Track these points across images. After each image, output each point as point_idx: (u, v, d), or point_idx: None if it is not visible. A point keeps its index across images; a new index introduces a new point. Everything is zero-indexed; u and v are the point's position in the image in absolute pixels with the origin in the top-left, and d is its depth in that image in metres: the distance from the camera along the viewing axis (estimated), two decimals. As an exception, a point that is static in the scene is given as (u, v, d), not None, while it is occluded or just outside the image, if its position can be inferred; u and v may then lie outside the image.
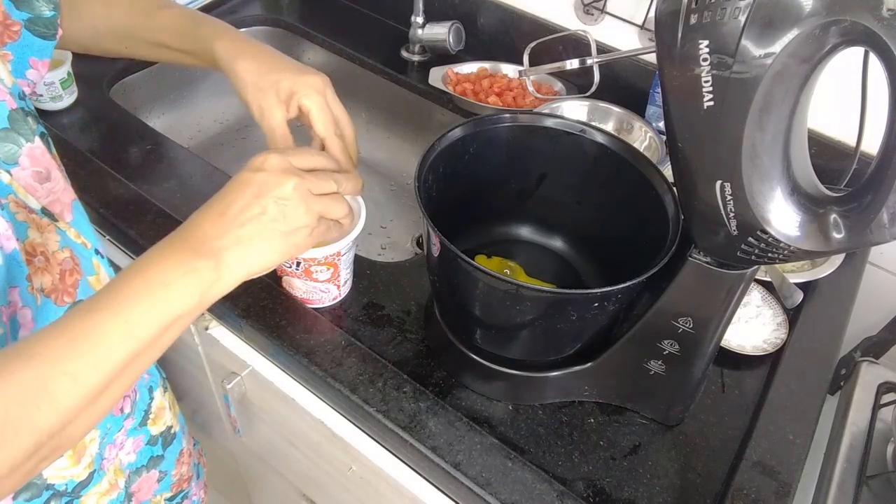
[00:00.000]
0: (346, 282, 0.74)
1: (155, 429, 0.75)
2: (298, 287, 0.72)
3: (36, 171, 0.53)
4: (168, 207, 0.82)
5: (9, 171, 0.50)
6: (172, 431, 0.79)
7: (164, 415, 0.76)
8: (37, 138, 0.53)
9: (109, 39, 0.67)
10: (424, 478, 0.68)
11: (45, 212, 0.54)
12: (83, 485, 0.63)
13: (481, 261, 0.76)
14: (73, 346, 0.39)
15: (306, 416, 0.75)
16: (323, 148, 0.63)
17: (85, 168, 0.86)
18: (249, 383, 0.81)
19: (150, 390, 0.74)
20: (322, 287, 0.71)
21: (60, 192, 0.56)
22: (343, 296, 0.75)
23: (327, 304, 0.74)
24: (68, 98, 0.95)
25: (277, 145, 0.63)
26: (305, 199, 0.50)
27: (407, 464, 0.69)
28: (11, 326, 0.50)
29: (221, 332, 0.80)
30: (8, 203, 0.50)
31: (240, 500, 1.23)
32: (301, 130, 0.65)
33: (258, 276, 0.49)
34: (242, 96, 0.63)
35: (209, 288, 0.45)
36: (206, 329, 0.80)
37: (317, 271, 0.69)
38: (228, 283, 0.47)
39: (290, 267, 0.69)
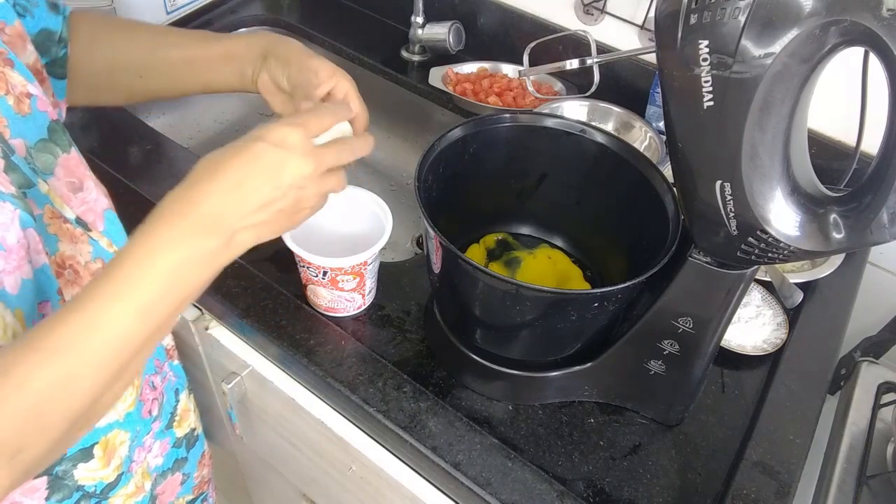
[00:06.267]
0: (370, 290, 0.73)
1: (180, 431, 0.76)
2: (323, 296, 0.71)
3: (70, 181, 0.54)
4: (168, 207, 0.82)
5: (46, 181, 0.51)
6: (195, 434, 0.80)
7: (189, 417, 0.77)
8: (72, 149, 0.55)
9: (124, 74, 0.65)
10: (424, 478, 0.68)
11: (80, 221, 0.54)
12: (111, 486, 0.64)
13: (476, 251, 0.76)
14: (91, 337, 0.40)
15: (306, 416, 0.75)
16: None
17: (85, 168, 0.86)
18: (249, 383, 0.81)
19: (177, 392, 0.74)
20: (347, 296, 0.70)
21: (93, 201, 0.57)
22: (367, 304, 0.74)
23: (351, 312, 0.73)
24: (68, 98, 0.95)
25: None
26: (319, 184, 0.49)
27: (407, 464, 0.69)
28: None
29: (221, 332, 0.80)
30: (43, 213, 0.50)
31: (240, 499, 1.23)
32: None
33: None
34: (297, 62, 0.59)
35: (219, 262, 0.46)
36: (206, 329, 0.80)
37: (343, 280, 0.68)
38: (236, 256, 0.47)
39: (317, 276, 0.68)
